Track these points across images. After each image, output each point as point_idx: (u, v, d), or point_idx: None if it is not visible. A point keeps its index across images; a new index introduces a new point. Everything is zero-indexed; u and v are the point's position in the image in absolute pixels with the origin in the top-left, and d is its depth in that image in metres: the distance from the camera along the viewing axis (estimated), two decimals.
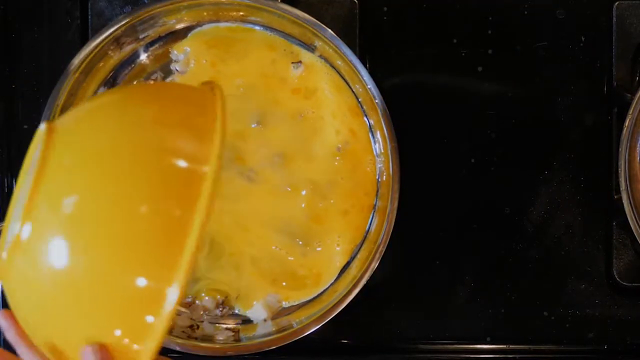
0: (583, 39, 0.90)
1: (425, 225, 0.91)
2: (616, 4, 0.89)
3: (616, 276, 0.90)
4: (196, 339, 0.86)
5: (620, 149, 0.83)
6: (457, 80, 0.90)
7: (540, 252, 0.90)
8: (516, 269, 0.91)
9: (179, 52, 0.87)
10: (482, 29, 0.90)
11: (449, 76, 0.90)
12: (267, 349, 0.83)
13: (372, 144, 0.87)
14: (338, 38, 0.82)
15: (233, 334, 0.87)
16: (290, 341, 0.83)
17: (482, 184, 0.90)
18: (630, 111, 0.83)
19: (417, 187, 0.88)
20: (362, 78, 0.82)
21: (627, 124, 0.84)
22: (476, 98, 0.90)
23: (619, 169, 0.83)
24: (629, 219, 0.84)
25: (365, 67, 0.84)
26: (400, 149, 0.82)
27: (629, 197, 0.83)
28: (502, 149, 0.90)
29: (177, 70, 0.87)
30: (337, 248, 0.87)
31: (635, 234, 0.84)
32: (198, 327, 0.87)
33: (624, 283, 0.90)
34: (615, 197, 0.89)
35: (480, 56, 0.90)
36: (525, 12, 0.90)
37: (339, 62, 0.85)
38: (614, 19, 0.89)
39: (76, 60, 0.82)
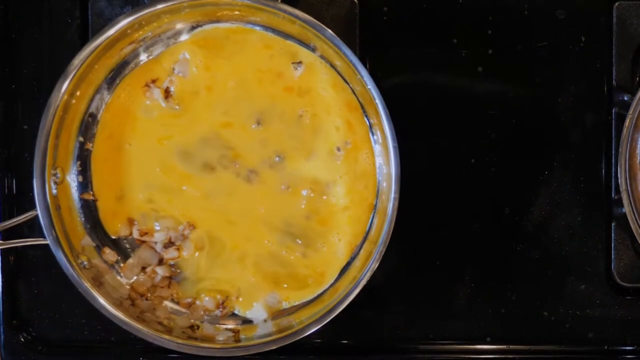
0: (583, 39, 0.90)
1: (425, 225, 0.91)
2: (616, 4, 0.89)
3: (616, 276, 0.90)
4: (196, 339, 0.86)
5: (620, 149, 0.84)
6: (457, 80, 0.90)
7: (540, 252, 0.90)
8: (516, 269, 0.91)
9: (179, 52, 0.87)
10: (482, 29, 0.90)
11: (449, 76, 0.90)
12: (267, 349, 0.83)
13: (372, 144, 0.87)
14: (338, 38, 0.82)
15: (233, 334, 0.87)
16: (290, 341, 0.83)
17: (482, 184, 0.90)
18: (630, 111, 0.83)
19: (417, 187, 0.88)
20: (362, 78, 0.82)
21: (627, 124, 0.84)
22: (476, 98, 0.90)
23: (619, 169, 0.83)
24: (629, 219, 0.84)
25: (365, 67, 0.84)
26: (400, 148, 0.82)
27: (629, 197, 0.84)
28: (502, 149, 0.90)
29: (177, 70, 0.87)
30: (339, 243, 0.87)
31: (635, 234, 0.84)
32: (198, 327, 0.87)
33: (624, 283, 0.90)
34: (615, 197, 0.89)
35: (480, 56, 0.90)
36: (525, 12, 0.90)
37: (337, 63, 0.85)
38: (614, 19, 0.89)
39: (76, 61, 0.82)
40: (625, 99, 0.88)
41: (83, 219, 0.87)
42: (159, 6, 0.82)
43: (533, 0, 0.90)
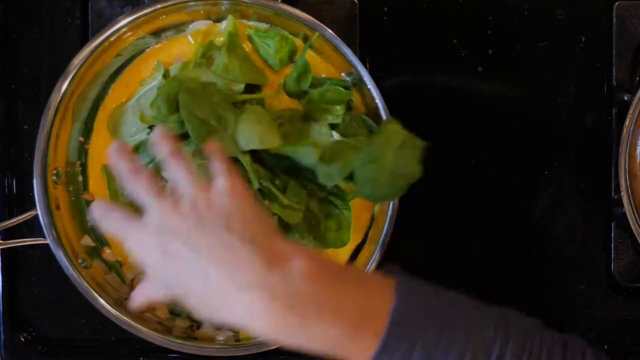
0: (583, 39, 0.90)
1: (426, 225, 0.91)
2: (616, 4, 0.89)
3: (616, 276, 0.90)
4: (196, 339, 0.85)
5: (620, 149, 0.84)
6: (457, 80, 0.90)
7: (540, 252, 0.90)
8: (516, 269, 0.91)
9: (179, 51, 0.87)
10: (482, 29, 0.90)
11: (449, 76, 0.90)
12: (267, 349, 0.83)
13: None
14: (338, 38, 0.82)
15: (233, 334, 0.86)
16: None
17: (482, 184, 0.90)
18: (630, 111, 0.83)
19: (417, 187, 0.88)
20: (362, 78, 0.82)
21: (627, 124, 0.84)
22: (476, 98, 0.90)
23: (619, 169, 0.83)
24: (629, 219, 0.84)
25: (365, 67, 0.84)
26: None
27: (629, 197, 0.84)
28: (502, 149, 0.90)
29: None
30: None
31: (635, 234, 0.84)
32: (198, 327, 0.87)
33: (624, 283, 0.90)
34: (615, 197, 0.89)
35: (480, 56, 0.90)
36: (525, 12, 0.90)
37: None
38: (614, 19, 0.89)
39: (76, 61, 0.82)
40: (625, 99, 0.88)
41: (83, 219, 0.87)
42: (159, 6, 0.82)
43: (533, 0, 0.90)
